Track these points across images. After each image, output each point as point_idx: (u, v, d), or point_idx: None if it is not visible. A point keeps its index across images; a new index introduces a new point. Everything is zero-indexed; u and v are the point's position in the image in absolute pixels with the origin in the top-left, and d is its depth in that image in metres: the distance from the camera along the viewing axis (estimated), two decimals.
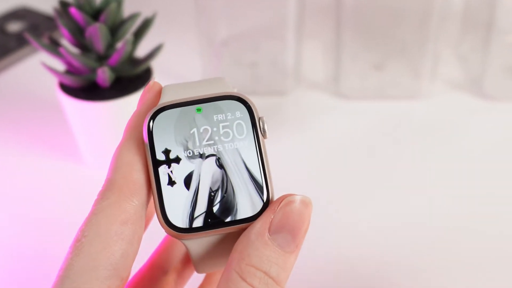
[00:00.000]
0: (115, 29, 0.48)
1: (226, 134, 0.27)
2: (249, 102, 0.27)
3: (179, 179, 0.26)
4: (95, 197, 0.54)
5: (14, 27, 0.70)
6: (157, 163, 0.26)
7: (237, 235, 0.26)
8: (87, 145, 0.52)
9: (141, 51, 0.52)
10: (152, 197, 0.27)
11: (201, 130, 0.27)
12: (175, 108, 0.27)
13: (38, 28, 0.69)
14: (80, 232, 0.25)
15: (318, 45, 0.67)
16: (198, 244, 0.27)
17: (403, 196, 0.50)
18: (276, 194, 0.27)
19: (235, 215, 0.26)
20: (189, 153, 0.26)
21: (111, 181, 0.26)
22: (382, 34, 0.60)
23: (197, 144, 0.26)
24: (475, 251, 0.45)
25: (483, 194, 0.50)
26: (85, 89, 0.49)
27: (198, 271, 0.28)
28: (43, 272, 0.44)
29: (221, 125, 0.27)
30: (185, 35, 0.64)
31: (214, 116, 0.27)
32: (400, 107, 0.59)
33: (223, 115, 0.27)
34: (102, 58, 0.49)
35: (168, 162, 0.26)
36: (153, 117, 0.27)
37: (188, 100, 0.27)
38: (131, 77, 0.50)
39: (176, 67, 0.64)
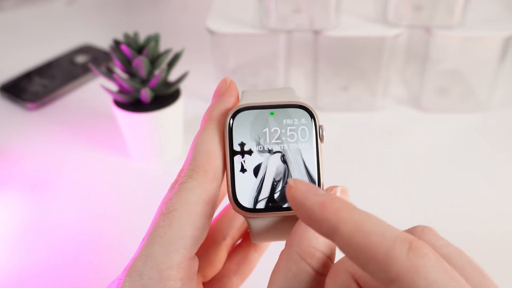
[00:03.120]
0: (154, 60, 0.48)
1: (292, 136, 0.25)
2: (313, 112, 0.25)
3: (250, 168, 0.24)
4: (138, 181, 0.54)
5: (80, 59, 0.70)
6: (233, 153, 0.24)
7: (290, 218, 0.24)
8: (133, 144, 0.52)
9: (172, 77, 0.53)
10: (224, 181, 0.25)
11: (272, 130, 0.25)
12: (253, 110, 0.25)
13: (98, 60, 0.70)
14: (171, 204, 0.23)
15: (301, 72, 0.67)
16: (258, 222, 0.25)
17: (364, 180, 0.50)
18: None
19: None
20: (260, 148, 0.24)
21: (197, 164, 0.24)
22: (348, 64, 0.60)
23: (268, 141, 0.24)
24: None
25: (424, 179, 0.50)
26: (132, 104, 0.49)
27: (254, 241, 0.26)
28: (104, 230, 0.44)
29: (288, 128, 0.25)
30: (205, 65, 0.64)
31: (284, 120, 0.25)
32: (361, 117, 0.59)
33: (291, 120, 0.25)
34: (144, 82, 0.49)
35: (243, 153, 0.24)
36: (234, 115, 0.25)
37: (264, 104, 0.25)
38: (165, 95, 0.50)
39: (198, 88, 0.63)
